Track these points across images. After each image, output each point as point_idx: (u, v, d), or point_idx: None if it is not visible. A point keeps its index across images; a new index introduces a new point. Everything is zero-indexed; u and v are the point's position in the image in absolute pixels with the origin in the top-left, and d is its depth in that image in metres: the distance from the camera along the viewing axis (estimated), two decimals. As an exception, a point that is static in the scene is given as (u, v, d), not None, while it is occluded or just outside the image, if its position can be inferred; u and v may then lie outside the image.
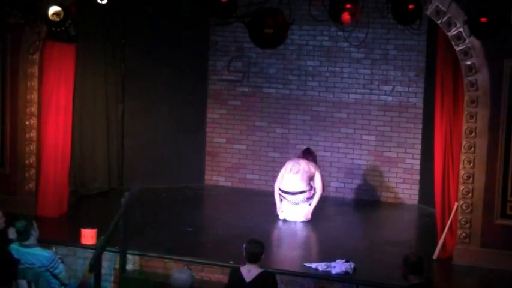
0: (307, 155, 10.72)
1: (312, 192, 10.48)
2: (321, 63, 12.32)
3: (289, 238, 10.06)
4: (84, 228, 9.01)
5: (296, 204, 10.42)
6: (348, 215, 11.54)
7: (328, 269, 8.32)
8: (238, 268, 7.03)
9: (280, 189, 10.49)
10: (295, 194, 10.39)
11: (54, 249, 8.40)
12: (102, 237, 8.41)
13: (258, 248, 7.02)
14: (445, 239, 9.02)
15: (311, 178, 10.48)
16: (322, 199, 11.61)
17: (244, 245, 7.03)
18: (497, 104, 8.72)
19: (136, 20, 11.95)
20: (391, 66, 12.00)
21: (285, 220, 10.48)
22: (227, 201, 12.02)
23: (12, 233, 7.77)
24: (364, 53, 12.05)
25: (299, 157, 10.71)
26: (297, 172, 10.42)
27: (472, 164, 8.82)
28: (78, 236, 8.99)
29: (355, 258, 8.60)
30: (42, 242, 7.89)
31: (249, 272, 6.94)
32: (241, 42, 12.49)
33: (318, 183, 10.50)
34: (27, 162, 10.37)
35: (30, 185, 10.39)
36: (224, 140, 12.86)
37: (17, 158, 10.42)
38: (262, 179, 12.58)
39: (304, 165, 10.46)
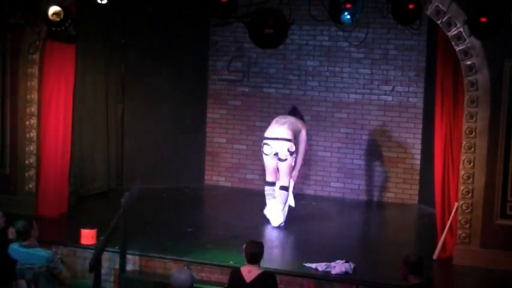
0: (295, 113, 10.69)
1: (295, 157, 10.17)
2: (321, 63, 12.33)
3: (289, 238, 10.05)
4: (84, 228, 9.02)
5: (279, 158, 10.01)
6: (348, 215, 11.53)
7: (328, 269, 8.32)
8: (239, 268, 7.03)
9: (264, 137, 10.19)
10: (278, 139, 10.00)
11: (54, 249, 8.41)
12: (102, 237, 8.41)
13: (258, 249, 7.02)
14: (445, 239, 9.01)
15: (297, 134, 10.20)
16: (322, 199, 11.64)
17: (244, 246, 7.03)
18: (497, 104, 8.72)
19: (136, 20, 11.95)
20: (391, 66, 12.01)
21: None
22: (227, 201, 12.02)
23: (12, 233, 7.77)
24: (364, 53, 12.05)
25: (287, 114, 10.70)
26: (284, 123, 10.18)
27: (472, 164, 8.82)
28: (78, 236, 8.99)
29: (355, 258, 8.60)
30: (42, 242, 7.88)
31: (249, 272, 6.93)
32: (241, 42, 12.49)
33: (302, 142, 10.32)
34: (27, 162, 10.37)
35: (30, 185, 10.39)
36: (224, 140, 12.86)
37: (17, 158, 10.42)
38: (262, 179, 12.50)
39: (291, 119, 10.32)
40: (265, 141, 10.14)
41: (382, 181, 12.14)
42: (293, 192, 10.56)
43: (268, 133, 10.18)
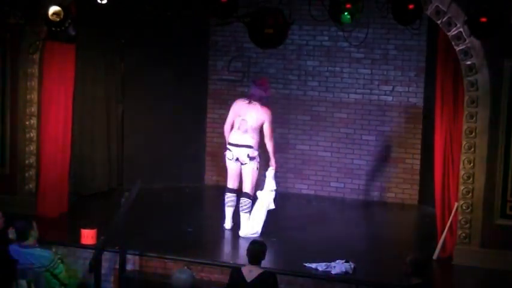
0: (260, 99, 9.83)
1: (257, 161, 9.86)
2: (321, 63, 12.32)
3: (289, 238, 10.04)
4: (84, 228, 9.02)
5: (241, 163, 9.81)
6: (348, 215, 11.54)
7: (328, 269, 8.33)
8: (239, 268, 7.04)
9: (228, 143, 9.93)
10: (239, 146, 9.77)
11: (54, 249, 8.42)
12: (102, 237, 8.41)
13: (261, 250, 7.04)
14: (445, 239, 9.02)
15: (260, 128, 9.81)
16: (322, 199, 11.63)
17: (247, 246, 7.06)
18: (497, 104, 8.72)
19: (136, 20, 11.92)
20: (391, 66, 12.00)
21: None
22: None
23: (11, 233, 7.77)
24: (364, 53, 12.04)
25: (250, 102, 9.83)
26: (245, 132, 9.77)
27: (472, 164, 8.82)
28: (78, 236, 9.00)
29: (355, 258, 8.60)
30: (42, 242, 7.89)
31: (250, 272, 6.95)
32: (241, 42, 12.47)
33: (267, 135, 9.77)
34: (27, 162, 10.37)
35: (30, 185, 10.39)
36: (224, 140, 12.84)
37: (17, 158, 10.42)
38: (262, 179, 12.53)
39: (252, 121, 9.75)
40: (228, 146, 9.92)
41: (382, 181, 12.13)
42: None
43: (231, 139, 9.88)
